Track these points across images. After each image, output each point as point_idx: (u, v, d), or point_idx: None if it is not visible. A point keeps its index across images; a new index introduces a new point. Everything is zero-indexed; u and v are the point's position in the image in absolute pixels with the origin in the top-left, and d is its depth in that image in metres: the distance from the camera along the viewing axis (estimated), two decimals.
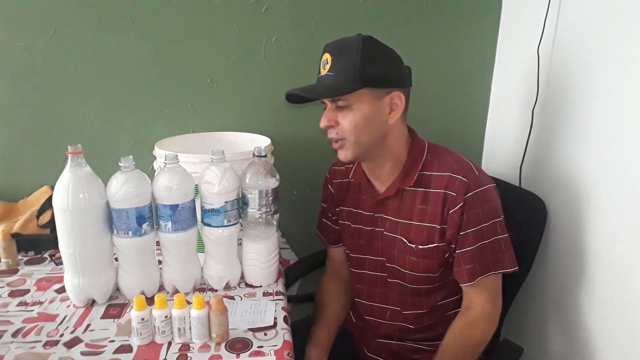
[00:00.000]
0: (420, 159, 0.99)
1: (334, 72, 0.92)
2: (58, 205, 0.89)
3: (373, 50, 0.92)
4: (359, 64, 0.90)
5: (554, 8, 1.19)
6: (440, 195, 0.94)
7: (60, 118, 1.35)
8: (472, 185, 0.92)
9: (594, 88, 1.07)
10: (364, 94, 0.91)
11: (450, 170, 0.95)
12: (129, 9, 1.29)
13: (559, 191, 1.18)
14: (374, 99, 0.92)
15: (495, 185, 0.97)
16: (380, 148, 0.97)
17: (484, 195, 0.93)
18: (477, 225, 0.93)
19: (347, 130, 0.93)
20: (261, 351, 0.84)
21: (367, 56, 0.90)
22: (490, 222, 0.93)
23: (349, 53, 0.91)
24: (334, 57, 0.92)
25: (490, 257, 0.94)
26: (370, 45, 0.92)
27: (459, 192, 0.92)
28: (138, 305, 0.83)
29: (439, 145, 1.03)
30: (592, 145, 1.08)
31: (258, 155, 1.01)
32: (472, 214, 0.92)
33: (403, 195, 0.99)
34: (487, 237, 0.93)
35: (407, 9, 1.40)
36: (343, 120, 0.93)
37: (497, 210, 0.95)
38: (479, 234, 0.93)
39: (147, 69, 1.34)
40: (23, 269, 1.13)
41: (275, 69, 1.39)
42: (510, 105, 1.40)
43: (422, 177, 0.97)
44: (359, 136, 0.93)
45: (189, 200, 0.97)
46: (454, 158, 0.98)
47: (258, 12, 1.34)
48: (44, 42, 1.29)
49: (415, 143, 1.01)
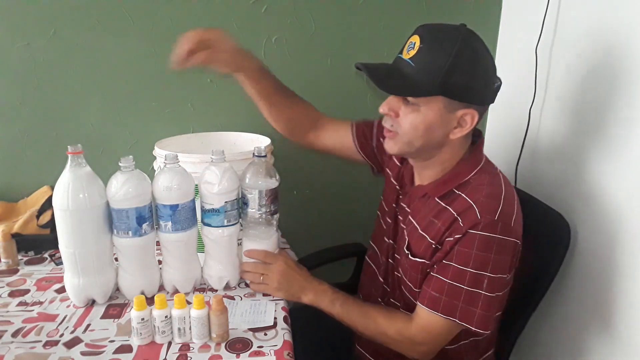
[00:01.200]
0: (461, 177, 0.91)
1: (416, 63, 0.83)
2: (58, 205, 0.89)
3: (468, 57, 0.82)
4: (446, 67, 0.80)
5: (553, 8, 1.19)
6: (451, 218, 0.87)
7: (60, 118, 1.35)
8: (482, 227, 0.83)
9: (593, 88, 1.08)
10: (437, 101, 0.84)
11: (474, 200, 0.86)
12: (129, 9, 1.29)
13: (559, 190, 1.18)
14: (445, 109, 0.84)
15: (516, 242, 0.86)
16: (430, 154, 0.92)
17: (488, 242, 0.83)
18: (463, 265, 0.84)
19: (405, 128, 0.87)
20: (261, 351, 0.84)
21: (459, 62, 0.81)
22: (478, 273, 0.84)
23: (441, 48, 0.81)
24: (423, 44, 0.82)
25: (461, 305, 0.85)
26: (467, 50, 0.82)
27: (465, 223, 0.84)
28: (138, 305, 0.83)
29: (496, 171, 0.94)
30: (592, 145, 1.08)
31: (258, 155, 1.01)
32: (463, 252, 0.84)
33: (427, 200, 0.95)
34: (468, 285, 0.85)
35: (407, 9, 1.40)
36: (404, 116, 0.87)
37: (493, 266, 0.84)
38: (461, 275, 0.85)
39: (147, 69, 1.34)
40: (23, 269, 1.13)
41: (275, 69, 1.38)
42: (510, 105, 1.40)
43: (452, 193, 0.91)
44: (413, 138, 0.88)
45: (189, 200, 0.97)
46: (491, 191, 0.88)
47: (258, 12, 1.34)
48: (44, 42, 1.29)
49: (470, 158, 0.93)
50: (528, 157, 1.29)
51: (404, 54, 0.86)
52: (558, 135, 1.20)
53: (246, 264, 1.05)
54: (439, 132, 0.87)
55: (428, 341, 0.91)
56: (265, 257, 1.04)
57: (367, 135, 1.15)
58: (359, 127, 1.16)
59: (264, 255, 1.04)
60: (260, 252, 1.04)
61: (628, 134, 0.98)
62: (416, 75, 0.83)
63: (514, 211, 0.88)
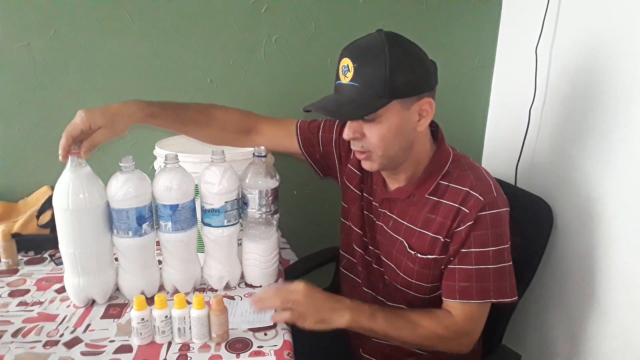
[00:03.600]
0: (441, 169, 0.94)
1: (358, 82, 0.84)
2: (58, 205, 0.89)
3: (400, 56, 0.83)
4: (387, 75, 0.82)
5: (553, 8, 1.19)
6: (453, 210, 0.90)
7: (60, 118, 1.35)
8: (488, 206, 0.88)
9: (593, 87, 1.08)
10: (393, 106, 0.85)
11: (469, 186, 0.90)
12: (129, 9, 1.29)
13: (561, 191, 1.18)
14: (403, 109, 0.86)
15: (508, 210, 0.92)
16: (406, 156, 0.93)
17: (497, 218, 0.88)
18: (483, 247, 0.88)
19: (375, 143, 0.88)
20: (261, 351, 0.84)
21: (395, 64, 0.82)
22: (499, 248, 0.89)
23: (374, 61, 0.83)
24: (356, 64, 0.84)
25: (493, 284, 0.89)
26: (397, 50, 0.83)
27: (472, 209, 0.88)
28: (138, 305, 0.83)
29: (464, 156, 0.98)
30: (591, 145, 1.08)
31: (258, 155, 1.01)
32: (480, 235, 0.88)
33: (414, 199, 0.96)
34: (493, 263, 0.89)
35: (407, 9, 1.40)
36: (370, 133, 0.88)
37: (505, 236, 0.90)
38: (484, 256, 0.88)
39: (147, 69, 1.34)
40: (23, 269, 1.12)
41: (275, 69, 1.39)
42: (510, 105, 1.40)
43: (438, 186, 0.94)
44: (386, 149, 0.89)
45: (189, 200, 0.97)
46: (476, 174, 0.92)
47: (258, 12, 1.34)
48: (44, 42, 1.28)
49: (440, 150, 0.96)
50: (528, 157, 1.29)
51: (343, 79, 0.87)
52: (558, 135, 1.20)
53: (262, 292, 0.96)
54: (407, 131, 0.89)
55: (472, 330, 0.92)
56: (278, 290, 0.93)
57: (313, 143, 1.14)
58: (304, 135, 1.14)
59: (276, 289, 0.93)
60: (270, 289, 0.96)
61: (628, 133, 0.98)
62: (364, 93, 0.84)
63: (497, 182, 0.93)
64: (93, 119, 0.91)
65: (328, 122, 1.13)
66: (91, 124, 0.91)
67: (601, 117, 1.05)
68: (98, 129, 0.92)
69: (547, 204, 1.09)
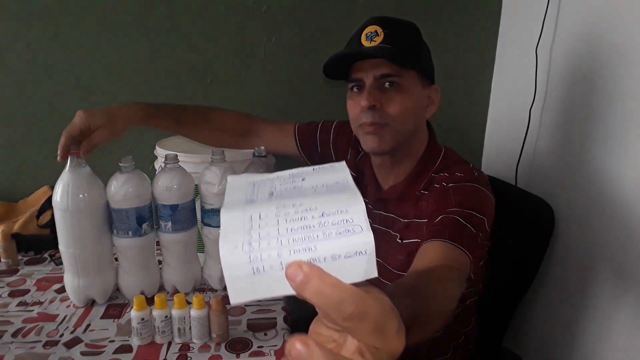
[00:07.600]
0: (432, 165, 0.93)
1: (388, 44, 0.83)
2: (58, 205, 0.89)
3: (422, 39, 0.87)
4: (416, 45, 0.84)
5: (553, 8, 1.19)
6: (438, 188, 0.88)
7: (61, 118, 1.35)
8: (464, 179, 0.85)
9: (593, 87, 1.08)
10: (414, 78, 0.85)
11: (453, 171, 0.89)
12: (129, 9, 1.29)
13: (562, 191, 1.18)
14: (421, 87, 0.87)
15: (494, 203, 0.87)
16: (409, 144, 0.91)
17: (476, 192, 0.84)
18: (459, 206, 0.81)
19: (395, 113, 0.85)
20: (261, 351, 0.84)
21: (422, 42, 0.86)
22: (468, 211, 0.80)
23: (404, 29, 0.85)
24: (387, 29, 0.84)
25: (465, 236, 0.77)
26: (420, 32, 0.88)
27: (450, 182, 0.86)
28: (138, 305, 0.83)
29: (455, 153, 0.98)
30: (592, 145, 1.08)
31: (258, 155, 1.01)
32: (456, 198, 0.82)
33: (407, 197, 0.95)
34: (465, 220, 0.79)
35: (407, 9, 1.40)
36: (391, 102, 0.85)
37: (484, 212, 0.82)
38: (459, 212, 0.79)
39: (147, 69, 1.34)
40: (23, 269, 1.13)
41: (275, 69, 1.39)
42: (510, 105, 1.40)
43: (430, 179, 0.92)
44: (404, 122, 0.86)
45: (189, 200, 0.97)
46: (464, 168, 0.91)
47: (258, 12, 1.34)
48: (44, 42, 1.29)
49: (432, 146, 0.96)
50: (528, 157, 1.29)
51: (368, 44, 0.85)
52: (558, 135, 1.20)
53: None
54: (420, 110, 0.90)
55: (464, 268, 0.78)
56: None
57: (311, 144, 1.13)
58: (302, 137, 1.13)
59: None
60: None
61: (628, 133, 0.98)
62: (395, 53, 0.83)
63: (485, 176, 0.91)
64: (92, 119, 0.91)
65: (326, 123, 1.13)
66: (90, 124, 0.91)
67: (602, 117, 1.05)
68: (97, 129, 0.92)
69: (547, 205, 1.09)
